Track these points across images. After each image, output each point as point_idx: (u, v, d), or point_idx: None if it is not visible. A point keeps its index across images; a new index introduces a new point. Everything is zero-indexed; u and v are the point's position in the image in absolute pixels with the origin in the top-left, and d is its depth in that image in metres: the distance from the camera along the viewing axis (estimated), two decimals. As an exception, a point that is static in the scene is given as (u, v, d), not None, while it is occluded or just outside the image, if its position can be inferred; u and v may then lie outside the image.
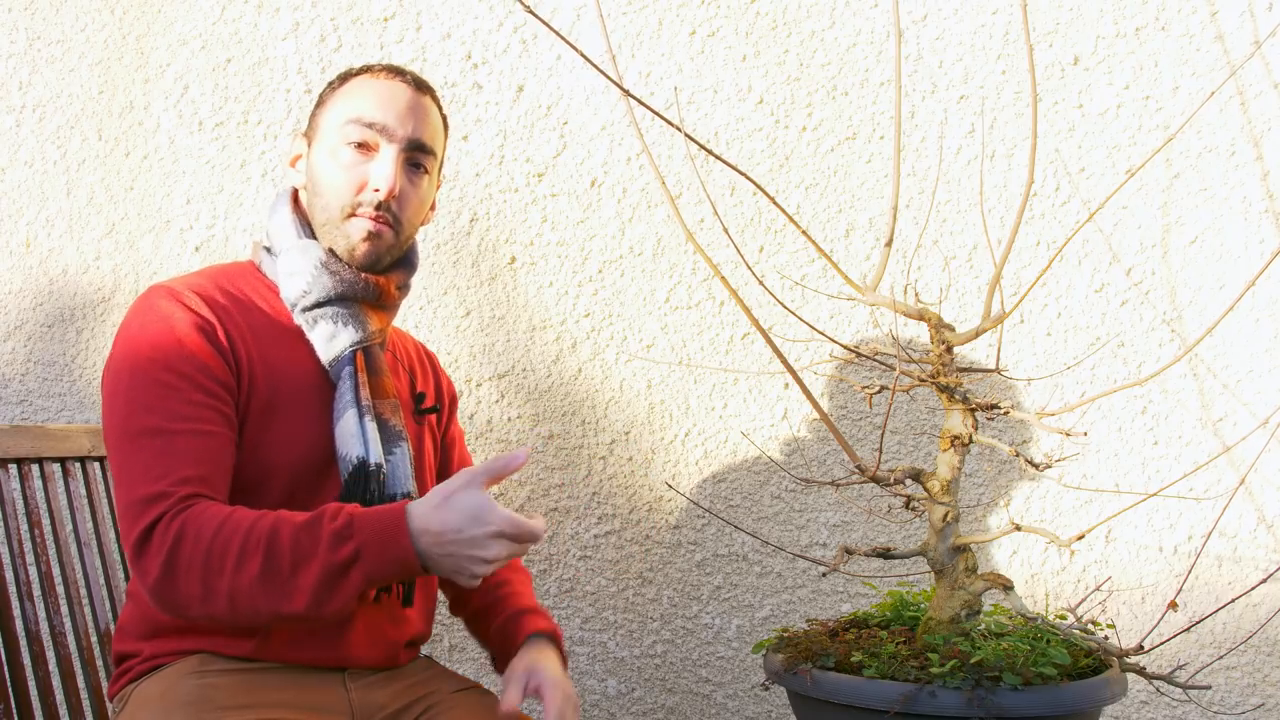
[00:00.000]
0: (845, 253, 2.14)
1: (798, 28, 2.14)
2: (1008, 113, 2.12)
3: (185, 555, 1.30)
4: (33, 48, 2.22)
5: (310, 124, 1.57)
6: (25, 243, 2.21)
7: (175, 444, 1.35)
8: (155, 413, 1.36)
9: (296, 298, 1.49)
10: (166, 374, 1.38)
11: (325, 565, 1.29)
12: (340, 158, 1.50)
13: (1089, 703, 1.44)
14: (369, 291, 1.52)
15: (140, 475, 1.34)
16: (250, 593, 1.29)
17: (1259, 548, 2.08)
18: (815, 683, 1.47)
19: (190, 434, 1.37)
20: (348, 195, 1.50)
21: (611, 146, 2.16)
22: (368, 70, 1.55)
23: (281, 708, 1.39)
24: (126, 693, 1.46)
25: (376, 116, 1.50)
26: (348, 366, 1.48)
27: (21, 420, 2.21)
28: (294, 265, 1.49)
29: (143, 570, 1.32)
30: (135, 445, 1.36)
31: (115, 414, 1.39)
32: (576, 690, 2.17)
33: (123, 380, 1.39)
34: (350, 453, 1.44)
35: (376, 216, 1.50)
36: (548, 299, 2.17)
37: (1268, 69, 2.08)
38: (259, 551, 1.29)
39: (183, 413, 1.37)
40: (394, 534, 1.29)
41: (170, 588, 1.31)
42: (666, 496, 2.16)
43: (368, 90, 1.52)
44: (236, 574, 1.29)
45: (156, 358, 1.39)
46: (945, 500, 1.56)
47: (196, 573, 1.30)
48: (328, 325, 1.48)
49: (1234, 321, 2.09)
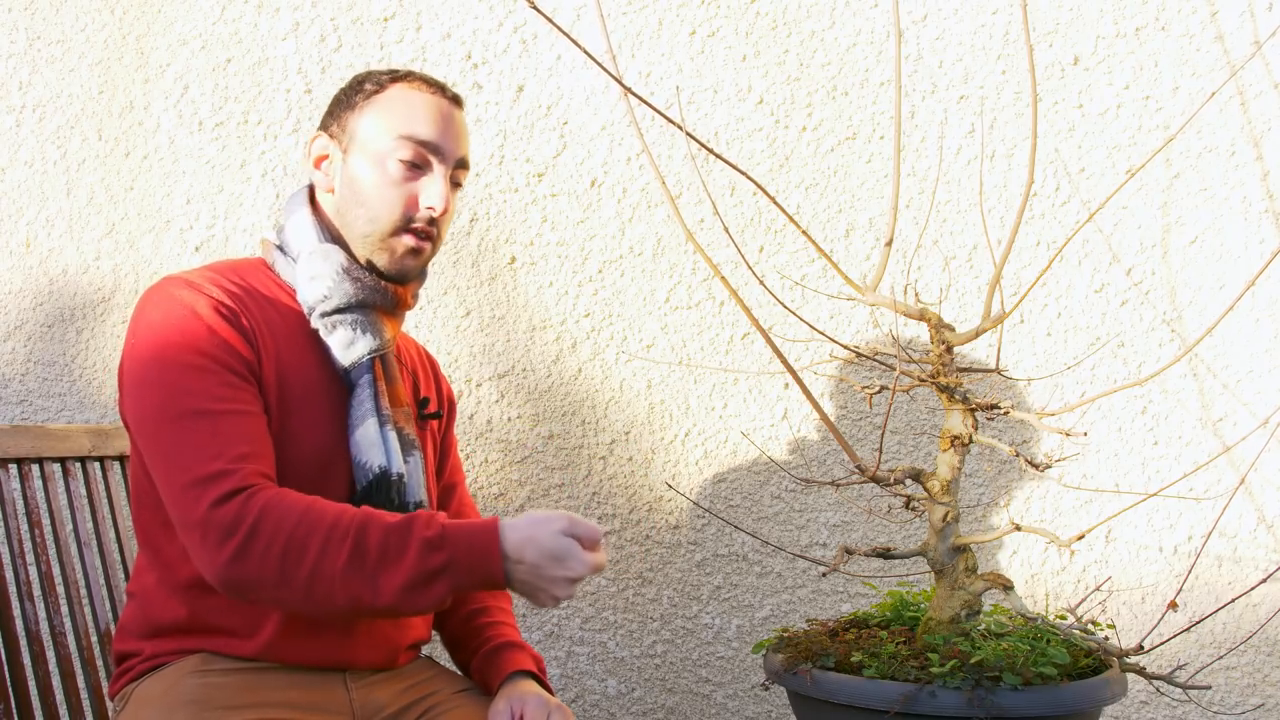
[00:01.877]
0: (845, 253, 2.14)
1: (798, 28, 2.15)
2: (1008, 113, 2.12)
3: (265, 537, 1.29)
4: (33, 48, 2.22)
5: (339, 125, 1.54)
6: (25, 243, 2.21)
7: (222, 424, 1.35)
8: (195, 395, 1.35)
9: (316, 302, 1.48)
10: (198, 357, 1.37)
11: (414, 569, 1.30)
12: (390, 172, 1.49)
13: (1089, 703, 1.44)
14: (387, 300, 1.52)
15: (193, 456, 1.32)
16: (331, 579, 1.29)
17: (1259, 548, 2.08)
18: (815, 683, 1.47)
19: (234, 414, 1.36)
20: (399, 210, 1.50)
21: (611, 146, 2.16)
22: (405, 79, 1.53)
23: (283, 708, 1.39)
24: (127, 692, 1.46)
25: (433, 137, 1.50)
26: (367, 374, 1.48)
27: (21, 420, 2.21)
28: (315, 269, 1.49)
29: (210, 549, 1.30)
30: (180, 428, 1.34)
31: (150, 401, 1.37)
32: (577, 691, 2.17)
33: (153, 368, 1.38)
34: (371, 461, 1.45)
35: (425, 233, 1.51)
36: (548, 299, 2.17)
37: (1268, 69, 2.08)
38: (347, 542, 1.30)
39: (222, 394, 1.36)
40: (485, 554, 1.33)
41: (241, 569, 1.29)
42: (666, 496, 2.16)
43: (417, 106, 1.51)
44: (320, 560, 1.29)
45: (185, 342, 1.38)
46: (945, 500, 1.56)
47: (275, 556, 1.29)
48: (346, 331, 1.48)
49: (1234, 321, 2.09)
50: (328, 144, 1.55)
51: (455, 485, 1.74)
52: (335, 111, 1.56)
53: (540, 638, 2.17)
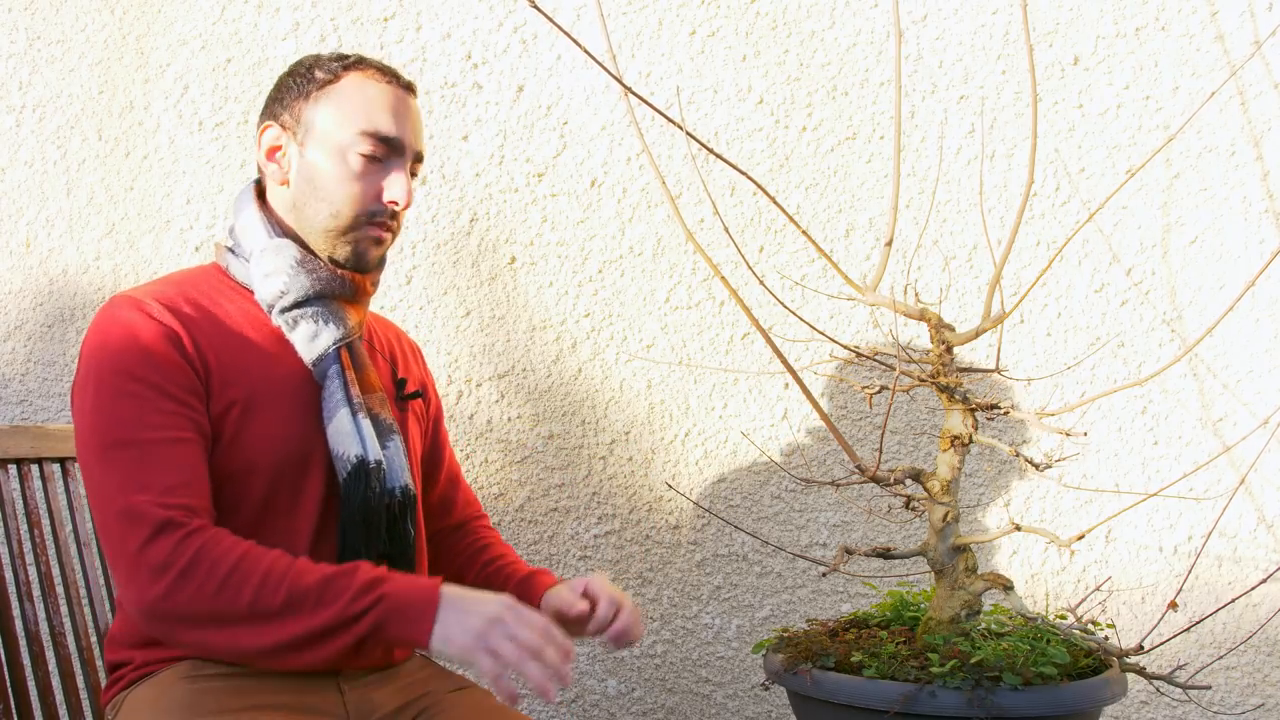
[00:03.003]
0: (845, 253, 2.14)
1: (798, 28, 2.15)
2: (1008, 113, 2.12)
3: (200, 576, 1.28)
4: (33, 48, 2.22)
5: (291, 115, 1.51)
6: (25, 243, 2.21)
7: (152, 454, 1.34)
8: (127, 424, 1.34)
9: (274, 299, 1.47)
10: (134, 384, 1.36)
11: (344, 611, 1.28)
12: (352, 166, 1.48)
13: (1089, 703, 1.44)
14: (347, 288, 1.51)
15: (119, 487, 1.32)
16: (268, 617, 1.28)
17: (1259, 548, 2.08)
18: (815, 683, 1.47)
19: (165, 442, 1.35)
20: (363, 205, 1.49)
21: (611, 146, 2.16)
22: (358, 67, 1.51)
23: (275, 711, 1.39)
24: (119, 700, 1.46)
25: (394, 132, 1.49)
26: (334, 365, 1.47)
27: (21, 420, 2.21)
28: (269, 266, 1.48)
29: (139, 585, 1.29)
30: (110, 458, 1.34)
31: (85, 429, 1.37)
32: (576, 691, 2.17)
33: (89, 395, 1.37)
34: (348, 451, 1.44)
35: (387, 226, 1.51)
36: (548, 299, 2.17)
37: (1268, 69, 2.08)
38: (284, 583, 1.29)
39: (154, 421, 1.35)
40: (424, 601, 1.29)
41: (171, 605, 1.29)
42: (666, 496, 2.16)
43: (373, 97, 1.49)
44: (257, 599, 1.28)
45: (121, 368, 1.37)
46: (945, 500, 1.56)
47: (208, 594, 1.28)
48: (309, 325, 1.47)
49: (1234, 321, 2.09)
50: (280, 134, 1.52)
51: (453, 481, 1.75)
52: (285, 100, 1.52)
53: (540, 638, 2.17)
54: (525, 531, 2.17)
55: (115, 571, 1.32)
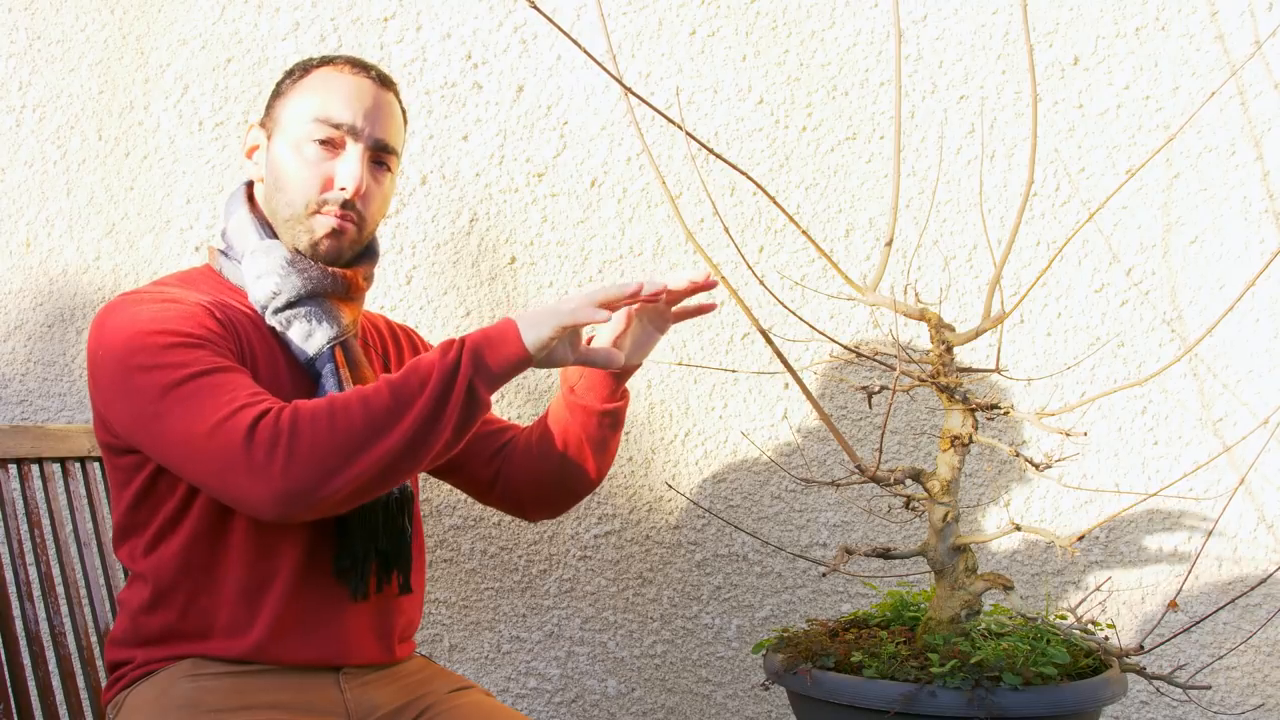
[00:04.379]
0: (845, 253, 2.14)
1: (798, 28, 2.14)
2: (1008, 113, 2.12)
3: (305, 432, 1.28)
4: (33, 48, 2.22)
5: (268, 114, 1.55)
6: (25, 243, 2.21)
7: (223, 378, 1.33)
8: (189, 365, 1.33)
9: (267, 300, 1.48)
10: (176, 336, 1.36)
11: (441, 370, 1.31)
12: (305, 154, 1.49)
13: (1089, 703, 1.44)
14: (338, 286, 1.51)
15: (206, 408, 1.30)
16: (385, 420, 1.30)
17: (1259, 548, 2.08)
18: (815, 683, 1.47)
19: (226, 369, 1.35)
20: (313, 192, 1.49)
21: (611, 146, 2.16)
22: (330, 63, 1.53)
23: (276, 709, 1.39)
24: (120, 699, 1.46)
25: (344, 117, 1.49)
26: (329, 364, 1.48)
27: (21, 420, 2.21)
28: (260, 267, 1.48)
29: (258, 475, 1.27)
30: (184, 392, 1.31)
31: (146, 384, 1.33)
32: (576, 691, 2.17)
33: (136, 356, 1.35)
34: None
35: (342, 215, 1.50)
36: (548, 299, 2.17)
37: (1268, 69, 2.08)
38: (384, 392, 1.31)
39: (214, 361, 1.35)
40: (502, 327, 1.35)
41: (300, 471, 1.28)
42: (666, 496, 2.16)
43: (334, 87, 1.50)
44: (366, 412, 1.30)
45: (165, 328, 1.36)
46: (945, 500, 1.56)
47: (322, 439, 1.28)
48: (303, 324, 1.48)
49: (1234, 321, 2.09)
50: (259, 134, 1.55)
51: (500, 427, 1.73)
52: (268, 102, 1.56)
53: (540, 638, 2.17)
54: (525, 531, 2.17)
55: (233, 480, 1.29)
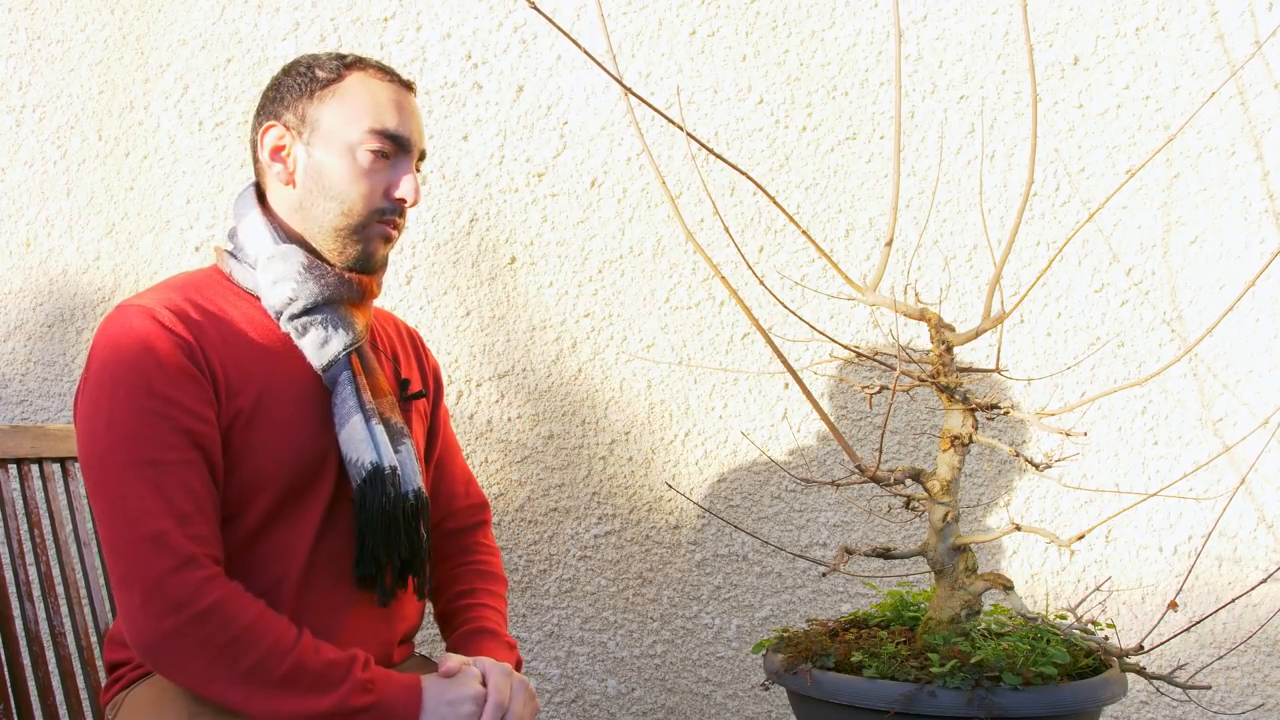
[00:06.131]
0: (845, 253, 2.14)
1: (798, 28, 2.15)
2: (1008, 113, 2.12)
3: (211, 627, 1.30)
4: (33, 48, 2.22)
5: (294, 115, 1.50)
6: (25, 243, 2.21)
7: (170, 475, 1.33)
8: (148, 443, 1.33)
9: (283, 305, 1.47)
10: (152, 400, 1.35)
11: (342, 702, 1.32)
12: (361, 163, 1.48)
13: (1089, 703, 1.44)
14: (354, 292, 1.50)
15: (144, 510, 1.31)
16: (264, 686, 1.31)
17: (1259, 548, 2.08)
18: (815, 683, 1.47)
19: (181, 464, 1.35)
20: (377, 201, 1.49)
21: (611, 146, 2.16)
22: (359, 66, 1.51)
23: None
24: (119, 700, 1.46)
25: (401, 130, 1.50)
26: (345, 371, 1.47)
27: (21, 420, 2.21)
28: (277, 273, 1.47)
29: (150, 615, 1.30)
30: (134, 477, 1.33)
31: (98, 441, 1.35)
32: (577, 691, 2.17)
33: (104, 408, 1.36)
34: (362, 458, 1.44)
35: (395, 224, 1.52)
36: (548, 299, 2.17)
37: (1268, 69, 2.08)
38: (288, 658, 1.31)
39: (172, 441, 1.35)
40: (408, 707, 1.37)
41: (175, 645, 1.30)
42: (666, 496, 2.16)
43: (381, 99, 1.50)
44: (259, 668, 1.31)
45: (139, 384, 1.35)
46: (945, 500, 1.56)
47: (214, 648, 1.30)
48: (319, 331, 1.47)
49: (1234, 321, 2.09)
50: (284, 134, 1.51)
51: (450, 458, 1.75)
52: (286, 100, 1.51)
53: (540, 638, 2.17)
54: (525, 531, 2.17)
55: (128, 593, 1.31)
